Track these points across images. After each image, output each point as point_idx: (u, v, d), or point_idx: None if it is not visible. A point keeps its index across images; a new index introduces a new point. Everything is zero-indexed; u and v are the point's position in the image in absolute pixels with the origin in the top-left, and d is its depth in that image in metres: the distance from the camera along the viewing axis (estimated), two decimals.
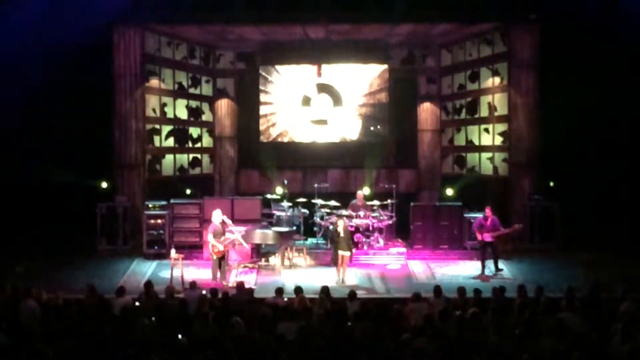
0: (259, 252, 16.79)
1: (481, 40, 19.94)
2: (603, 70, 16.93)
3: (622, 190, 17.34)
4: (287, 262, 16.48)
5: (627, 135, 17.49)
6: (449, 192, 18.50)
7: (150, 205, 17.67)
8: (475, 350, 8.64)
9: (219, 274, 14.94)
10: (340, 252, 15.09)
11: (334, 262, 15.37)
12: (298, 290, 11.96)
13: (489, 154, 19.99)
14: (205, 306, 11.14)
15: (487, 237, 15.64)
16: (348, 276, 15.29)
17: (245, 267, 16.12)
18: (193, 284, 12.61)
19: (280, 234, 16.28)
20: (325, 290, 11.93)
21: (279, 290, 12.09)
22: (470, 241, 17.41)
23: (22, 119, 17.43)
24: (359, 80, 21.14)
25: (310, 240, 17.98)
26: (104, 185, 18.13)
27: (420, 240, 17.84)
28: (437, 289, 11.88)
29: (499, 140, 19.62)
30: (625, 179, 17.32)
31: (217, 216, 15.31)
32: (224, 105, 21.70)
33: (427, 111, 21.65)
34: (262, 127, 21.31)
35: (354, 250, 15.88)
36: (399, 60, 21.45)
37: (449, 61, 21.27)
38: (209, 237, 15.05)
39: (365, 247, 17.22)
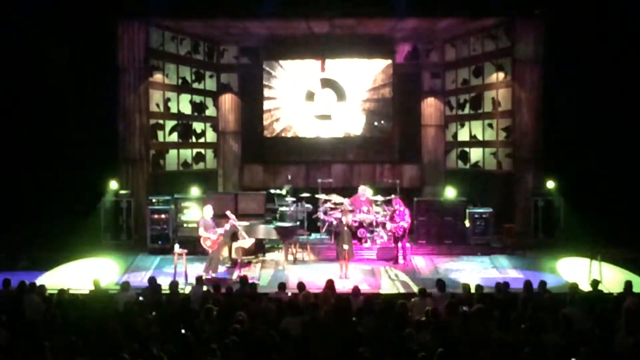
0: (263, 247, 16.78)
1: (485, 35, 19.89)
2: (607, 65, 16.88)
3: (624, 185, 17.26)
4: (290, 257, 16.49)
5: (630, 131, 17.41)
6: (451, 191, 18.38)
7: (154, 200, 17.70)
8: (479, 345, 8.63)
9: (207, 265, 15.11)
10: (344, 247, 15.14)
11: (339, 256, 15.39)
12: (301, 285, 11.97)
13: (493, 149, 19.96)
14: (209, 301, 11.13)
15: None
16: (351, 271, 15.31)
17: (249, 262, 16.13)
18: (200, 279, 12.59)
19: (283, 229, 16.29)
20: (329, 285, 11.93)
21: (283, 286, 12.10)
22: (474, 236, 17.48)
23: (24, 114, 17.47)
24: (363, 75, 21.11)
25: (314, 236, 17.99)
26: (114, 185, 18.07)
27: (424, 235, 17.87)
28: (441, 283, 11.87)
29: (502, 136, 19.58)
30: (629, 174, 17.25)
31: (208, 211, 15.54)
32: (227, 100, 21.66)
33: (430, 106, 21.60)
34: (265, 122, 21.31)
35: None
36: (403, 55, 21.42)
37: (452, 56, 21.22)
38: (201, 231, 15.17)
39: (369, 242, 17.22)
